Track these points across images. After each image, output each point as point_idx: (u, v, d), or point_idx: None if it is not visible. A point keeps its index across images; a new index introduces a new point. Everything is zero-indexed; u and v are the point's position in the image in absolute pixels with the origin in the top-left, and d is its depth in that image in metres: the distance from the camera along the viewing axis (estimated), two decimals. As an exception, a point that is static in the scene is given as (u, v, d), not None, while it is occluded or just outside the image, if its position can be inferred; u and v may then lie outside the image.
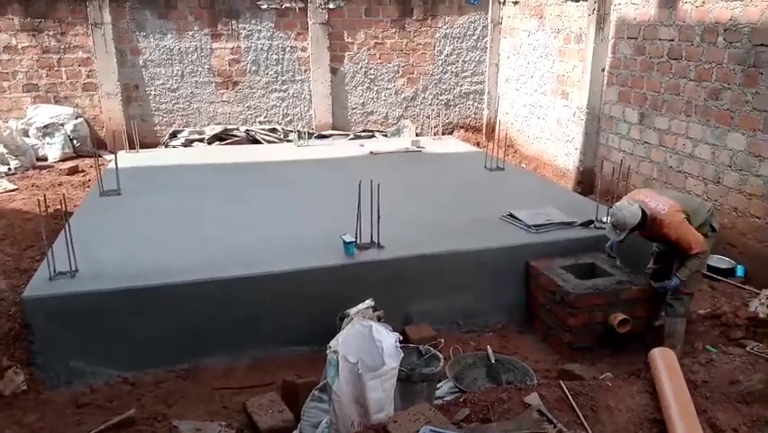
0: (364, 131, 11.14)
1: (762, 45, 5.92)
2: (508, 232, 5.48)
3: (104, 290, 4.38)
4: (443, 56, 11.30)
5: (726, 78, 6.37)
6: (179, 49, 10.26)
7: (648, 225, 4.44)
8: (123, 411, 3.88)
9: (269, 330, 4.74)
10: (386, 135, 11.01)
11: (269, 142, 10.28)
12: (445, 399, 3.86)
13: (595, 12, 8.25)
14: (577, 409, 2.60)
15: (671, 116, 7.20)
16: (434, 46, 11.22)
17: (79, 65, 10.01)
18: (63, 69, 9.98)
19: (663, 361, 2.94)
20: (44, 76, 9.93)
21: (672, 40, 7.08)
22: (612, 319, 4.55)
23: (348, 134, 10.79)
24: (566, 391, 2.69)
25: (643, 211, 4.43)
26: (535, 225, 5.42)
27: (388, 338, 3.23)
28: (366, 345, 3.26)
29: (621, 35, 8.02)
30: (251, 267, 4.75)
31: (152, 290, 4.48)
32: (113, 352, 4.42)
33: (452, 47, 11.29)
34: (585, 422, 2.55)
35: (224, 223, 5.74)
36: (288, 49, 10.68)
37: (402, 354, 3.13)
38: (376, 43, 10.98)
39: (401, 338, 3.27)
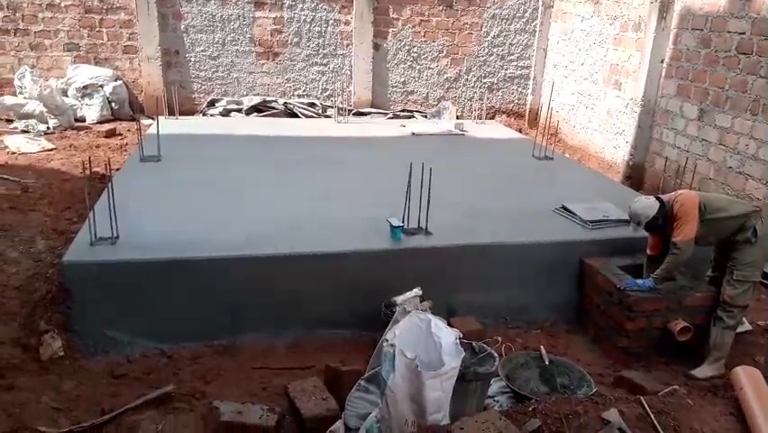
0: (403, 110, 10.86)
1: None
2: (562, 226, 5.23)
3: (146, 260, 4.25)
4: (489, 37, 10.94)
5: (801, 78, 5.99)
6: (222, 16, 10.05)
7: (668, 214, 4.29)
8: (161, 385, 3.78)
9: (310, 311, 4.58)
10: (425, 116, 10.73)
11: (307, 116, 10.07)
12: (496, 398, 3.69)
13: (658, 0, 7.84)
14: (660, 431, 2.39)
15: (734, 114, 6.83)
16: (481, 27, 10.86)
17: (121, 27, 9.87)
18: (105, 30, 9.85)
19: (750, 381, 2.71)
20: (86, 36, 9.82)
21: (743, 33, 6.68)
22: (673, 326, 4.30)
23: (387, 113, 10.54)
24: (647, 409, 2.48)
25: (663, 204, 4.28)
26: (591, 221, 5.15)
27: (447, 335, 3.04)
28: (423, 340, 3.07)
29: (685, 25, 7.61)
30: (294, 246, 4.58)
31: (194, 262, 4.34)
32: (151, 323, 4.31)
33: (499, 28, 10.92)
34: (669, 444, 2.34)
35: (267, 198, 5.57)
36: (331, 21, 10.42)
37: (463, 354, 2.94)
38: (421, 21, 10.65)
39: (461, 335, 3.08)
